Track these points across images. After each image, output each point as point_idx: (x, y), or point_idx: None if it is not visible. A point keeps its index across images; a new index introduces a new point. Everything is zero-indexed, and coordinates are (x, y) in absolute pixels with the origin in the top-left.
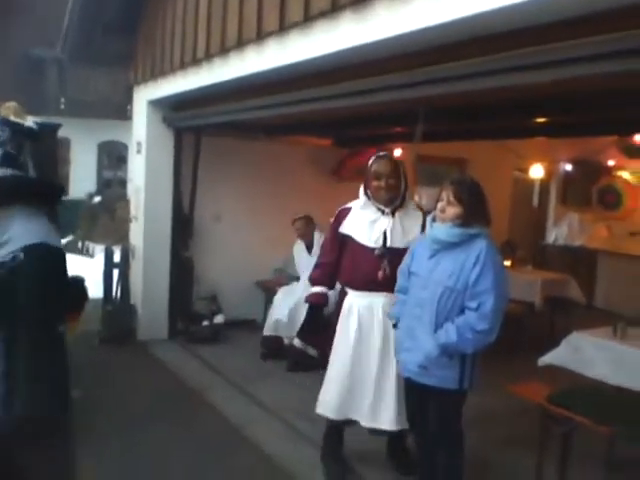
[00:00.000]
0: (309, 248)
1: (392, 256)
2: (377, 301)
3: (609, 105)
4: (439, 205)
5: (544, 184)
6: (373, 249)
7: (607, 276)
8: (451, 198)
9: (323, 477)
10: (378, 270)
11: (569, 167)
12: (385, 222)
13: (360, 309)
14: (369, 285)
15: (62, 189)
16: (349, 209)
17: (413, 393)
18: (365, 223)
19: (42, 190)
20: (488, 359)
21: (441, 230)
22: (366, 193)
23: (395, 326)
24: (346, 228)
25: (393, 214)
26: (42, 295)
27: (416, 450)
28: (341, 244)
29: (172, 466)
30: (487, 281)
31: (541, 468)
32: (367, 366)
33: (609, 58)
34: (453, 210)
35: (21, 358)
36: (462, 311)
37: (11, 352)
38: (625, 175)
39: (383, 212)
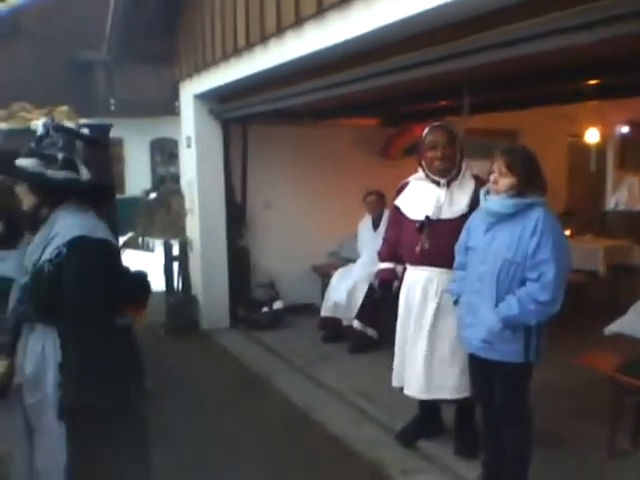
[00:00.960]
0: (375, 225)
1: (433, 229)
2: (417, 275)
3: None
4: (492, 177)
5: (600, 149)
6: (416, 222)
7: None
8: (503, 169)
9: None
10: (417, 244)
11: (625, 130)
12: (435, 194)
13: (407, 283)
14: (411, 259)
15: (111, 190)
16: (407, 183)
17: (478, 369)
18: (415, 195)
19: (92, 192)
20: (551, 331)
21: (495, 202)
22: (421, 165)
23: (456, 303)
24: (399, 201)
25: (449, 185)
26: (87, 288)
27: (482, 428)
28: (400, 218)
29: (242, 449)
30: (546, 250)
31: (614, 440)
32: (413, 338)
33: None
34: (506, 181)
35: (71, 349)
36: (523, 283)
37: (64, 344)
38: None
39: (438, 184)
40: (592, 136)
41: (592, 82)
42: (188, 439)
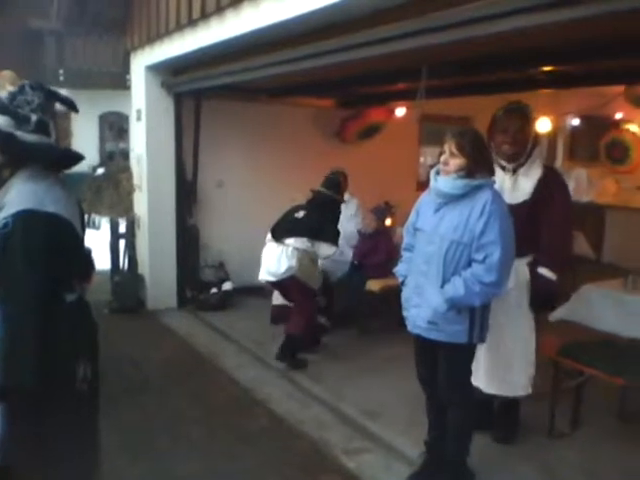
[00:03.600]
0: None
1: None
2: None
3: (616, 53)
4: (442, 158)
5: (551, 140)
6: None
7: (615, 231)
8: (453, 149)
9: (333, 436)
10: None
11: (576, 122)
12: (499, 178)
13: None
14: None
15: (79, 158)
16: None
17: (423, 350)
18: None
19: (59, 159)
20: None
21: (445, 183)
22: (490, 146)
23: (403, 284)
24: None
25: (515, 171)
26: (26, 267)
27: (426, 410)
28: None
29: (187, 430)
30: (493, 232)
31: (553, 421)
32: None
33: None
34: (456, 162)
35: (4, 328)
36: (469, 264)
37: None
38: (633, 128)
39: (504, 168)
40: (544, 126)
41: (546, 69)
42: (130, 418)
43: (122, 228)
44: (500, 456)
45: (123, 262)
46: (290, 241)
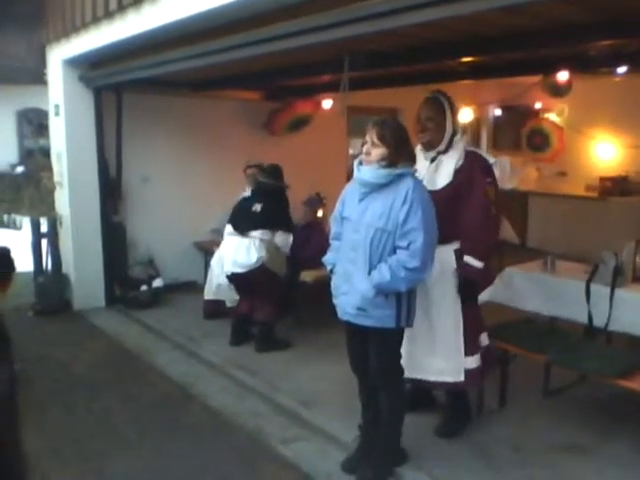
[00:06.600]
0: None
1: None
2: None
3: (531, 44)
4: (364, 148)
5: (475, 129)
6: None
7: (538, 216)
8: (375, 139)
9: (269, 426)
10: None
11: (498, 112)
12: (421, 166)
13: None
14: None
15: None
16: None
17: (353, 336)
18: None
19: None
20: None
21: (368, 172)
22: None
23: (332, 272)
24: None
25: (433, 160)
26: None
27: (359, 394)
28: None
29: (121, 430)
30: (416, 219)
31: (482, 399)
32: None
33: None
34: (378, 151)
35: None
36: (394, 251)
37: None
38: (552, 117)
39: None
40: (466, 115)
41: (466, 60)
42: (61, 422)
43: (44, 227)
44: (432, 436)
45: (46, 262)
46: (256, 233)
